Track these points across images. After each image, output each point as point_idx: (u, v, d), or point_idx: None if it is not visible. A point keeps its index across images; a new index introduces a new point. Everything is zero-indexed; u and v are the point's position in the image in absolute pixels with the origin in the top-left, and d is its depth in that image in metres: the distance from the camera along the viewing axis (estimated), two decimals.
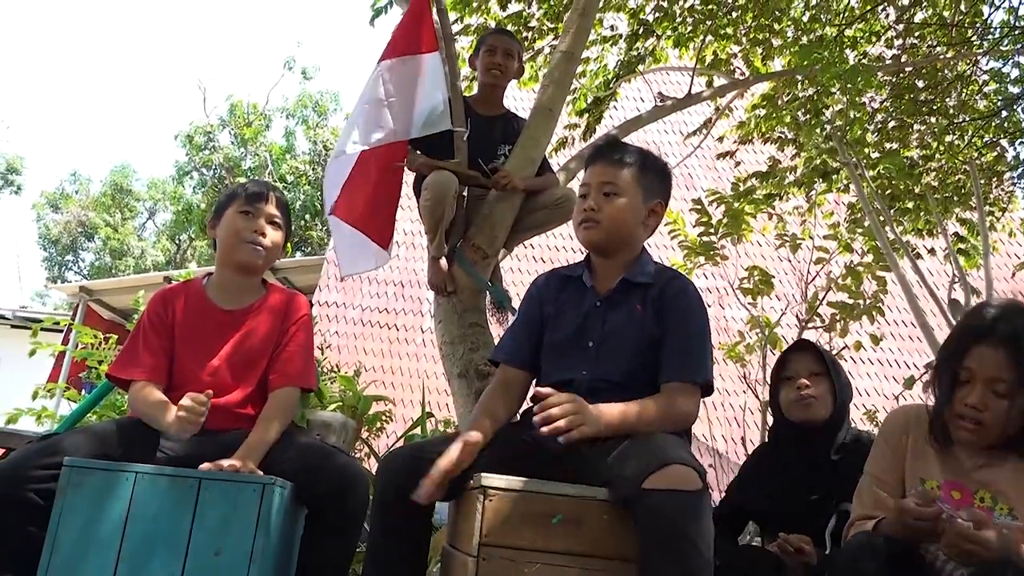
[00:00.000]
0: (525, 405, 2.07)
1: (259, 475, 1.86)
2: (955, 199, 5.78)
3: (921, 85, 5.37)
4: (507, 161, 3.22)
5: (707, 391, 1.89)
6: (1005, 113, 5.01)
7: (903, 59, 5.42)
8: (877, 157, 5.55)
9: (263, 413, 2.06)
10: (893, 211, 5.81)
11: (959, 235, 6.13)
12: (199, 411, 1.89)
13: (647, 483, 1.53)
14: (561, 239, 9.33)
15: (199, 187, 22.96)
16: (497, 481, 1.66)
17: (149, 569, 1.75)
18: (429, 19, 3.18)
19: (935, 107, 5.34)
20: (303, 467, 1.94)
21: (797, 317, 5.19)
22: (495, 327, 3.20)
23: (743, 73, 5.63)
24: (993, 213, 5.97)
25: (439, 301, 3.22)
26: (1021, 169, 5.79)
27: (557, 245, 9.43)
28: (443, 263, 3.14)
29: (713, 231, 4.99)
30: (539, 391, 1.75)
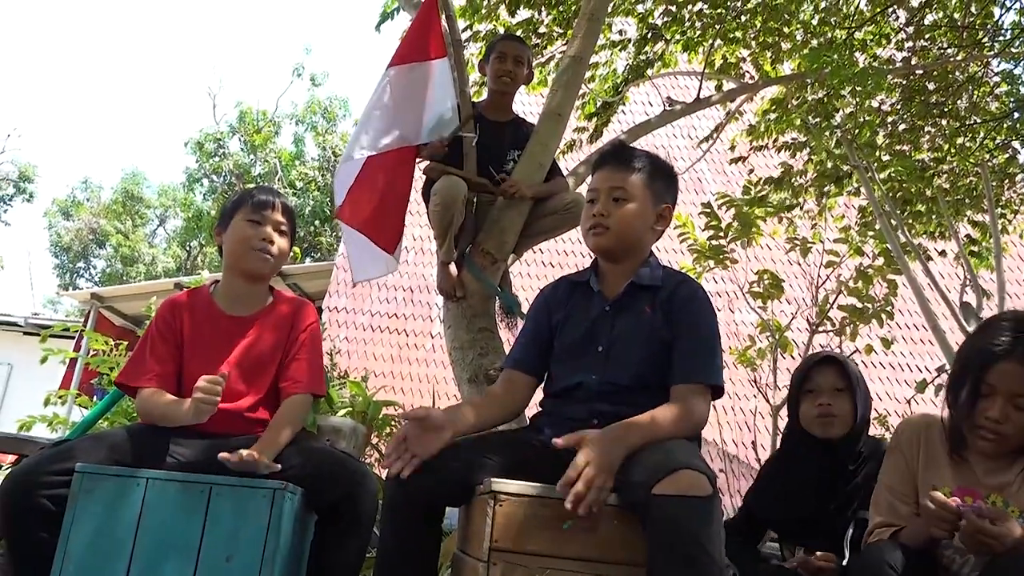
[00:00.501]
0: (535, 410, 2.07)
1: (274, 467, 1.88)
2: (967, 202, 5.74)
3: (932, 87, 5.35)
4: (516, 166, 3.22)
5: (717, 394, 1.88)
6: (1017, 115, 4.97)
7: (913, 61, 5.40)
8: (888, 160, 5.52)
9: (275, 418, 2.07)
10: (904, 214, 5.78)
11: (971, 237, 6.10)
12: (215, 391, 1.90)
13: (657, 488, 1.52)
14: (570, 244, 9.33)
15: (209, 194, 23.09)
16: (508, 486, 1.66)
17: (161, 574, 1.76)
18: (437, 25, 3.19)
19: (946, 109, 5.32)
20: (313, 472, 1.95)
21: (808, 321, 5.18)
22: (504, 332, 3.20)
23: (752, 77, 5.62)
24: (1005, 215, 5.93)
25: (448, 306, 3.22)
26: None
27: (566, 250, 9.42)
28: (452, 268, 3.14)
29: (722, 235, 4.99)
30: (555, 442, 1.69)
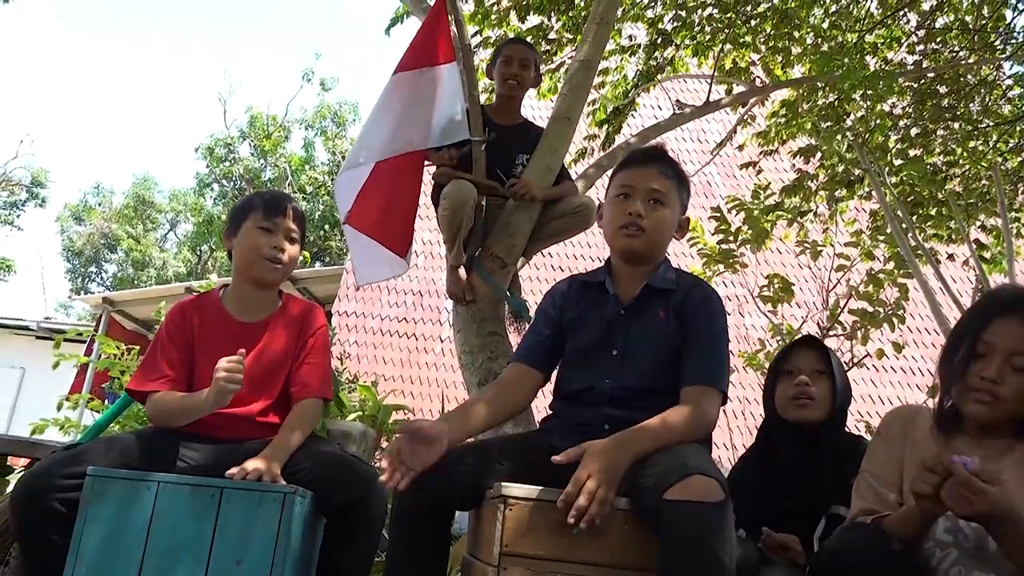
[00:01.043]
0: (544, 412, 2.06)
1: (281, 482, 1.87)
2: (979, 205, 5.71)
3: (944, 90, 5.32)
4: (525, 170, 3.22)
5: (723, 400, 1.87)
6: None
7: (925, 65, 5.38)
8: (899, 164, 5.50)
9: (286, 422, 2.07)
10: (916, 218, 5.76)
11: (979, 242, 6.05)
12: (237, 368, 1.90)
13: (668, 494, 1.51)
14: (580, 247, 9.32)
15: (220, 198, 23.21)
16: (517, 490, 1.65)
17: None
18: (446, 30, 3.19)
19: (958, 112, 5.29)
20: (323, 476, 1.95)
21: (818, 325, 5.16)
22: (514, 336, 3.20)
23: (762, 81, 5.60)
24: (1018, 219, 5.89)
25: (458, 310, 3.22)
26: None
27: (576, 253, 9.42)
28: (462, 272, 3.14)
29: (732, 239, 4.97)
30: (555, 459, 1.66)
